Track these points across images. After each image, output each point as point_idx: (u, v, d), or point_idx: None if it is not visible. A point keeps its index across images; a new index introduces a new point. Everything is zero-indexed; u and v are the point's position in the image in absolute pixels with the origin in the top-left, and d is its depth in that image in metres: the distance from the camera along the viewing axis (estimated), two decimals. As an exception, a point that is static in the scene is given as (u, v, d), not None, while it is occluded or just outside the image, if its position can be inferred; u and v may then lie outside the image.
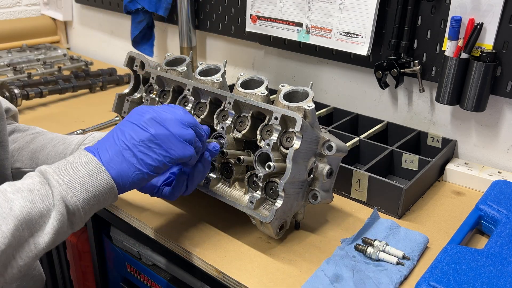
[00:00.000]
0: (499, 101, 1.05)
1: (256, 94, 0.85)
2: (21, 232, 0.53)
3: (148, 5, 1.56)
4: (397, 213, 0.93)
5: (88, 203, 0.59)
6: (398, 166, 1.08)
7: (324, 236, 0.87)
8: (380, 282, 0.74)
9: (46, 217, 0.55)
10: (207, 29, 1.54)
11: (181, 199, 0.97)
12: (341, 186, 1.00)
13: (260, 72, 1.49)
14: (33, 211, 0.55)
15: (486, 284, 0.69)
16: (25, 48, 1.95)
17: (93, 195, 0.59)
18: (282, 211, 0.79)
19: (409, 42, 1.10)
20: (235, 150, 0.86)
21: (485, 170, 1.06)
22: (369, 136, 1.15)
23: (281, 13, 1.26)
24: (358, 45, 1.15)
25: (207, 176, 0.86)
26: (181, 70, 0.94)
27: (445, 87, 1.03)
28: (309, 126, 0.78)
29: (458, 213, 0.96)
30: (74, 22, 2.12)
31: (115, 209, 0.95)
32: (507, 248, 0.77)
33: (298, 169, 0.78)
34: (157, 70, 0.97)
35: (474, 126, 1.10)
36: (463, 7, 0.99)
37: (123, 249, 1.07)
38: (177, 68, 0.95)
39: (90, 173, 0.59)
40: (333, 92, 1.33)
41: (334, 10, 1.16)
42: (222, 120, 0.87)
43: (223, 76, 0.91)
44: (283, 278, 0.77)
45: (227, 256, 0.81)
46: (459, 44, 1.00)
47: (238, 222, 0.90)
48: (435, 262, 0.74)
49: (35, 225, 0.55)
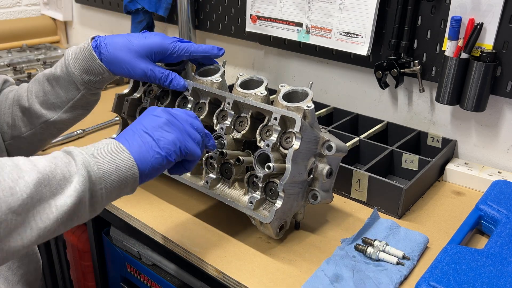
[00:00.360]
0: (499, 101, 1.05)
1: (255, 95, 0.85)
2: (43, 188, 0.53)
3: (148, 5, 1.56)
4: (397, 213, 0.93)
5: (110, 176, 0.58)
6: (398, 166, 1.08)
7: (324, 236, 0.87)
8: (380, 282, 0.74)
9: (68, 181, 0.55)
10: (207, 29, 1.54)
11: (181, 199, 0.97)
12: (341, 186, 1.00)
13: (260, 72, 1.49)
14: (57, 171, 0.54)
15: (486, 284, 0.69)
16: (25, 48, 1.95)
17: (114, 169, 0.59)
18: (282, 211, 0.79)
19: (409, 42, 1.10)
20: (234, 151, 0.86)
21: (485, 170, 1.06)
22: (369, 136, 1.15)
23: (281, 13, 1.26)
24: (358, 45, 1.15)
25: (206, 177, 0.87)
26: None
27: (445, 87, 1.03)
28: (309, 126, 0.78)
29: (458, 213, 0.96)
30: (74, 22, 2.12)
31: (115, 209, 0.95)
32: (507, 248, 0.77)
33: (298, 170, 0.78)
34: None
35: (474, 126, 1.10)
36: (463, 7, 0.99)
37: (123, 249, 1.07)
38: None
39: (112, 150, 0.60)
40: (333, 92, 1.33)
41: (334, 10, 1.16)
42: (221, 120, 0.87)
43: (223, 76, 0.91)
44: (283, 278, 0.77)
45: (227, 256, 0.81)
46: (459, 44, 1.00)
47: (238, 223, 0.90)
48: (435, 262, 0.74)
49: (57, 185, 0.54)
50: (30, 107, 0.82)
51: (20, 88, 0.86)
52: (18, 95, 0.84)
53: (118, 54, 0.80)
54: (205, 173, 0.88)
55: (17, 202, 0.50)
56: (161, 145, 0.63)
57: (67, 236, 1.24)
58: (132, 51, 0.81)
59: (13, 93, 0.86)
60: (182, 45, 0.85)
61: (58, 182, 0.54)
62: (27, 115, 0.83)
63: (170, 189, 1.01)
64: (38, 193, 0.52)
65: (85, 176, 0.56)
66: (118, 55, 0.80)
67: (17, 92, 0.85)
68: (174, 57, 0.85)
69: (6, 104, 0.85)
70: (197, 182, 0.88)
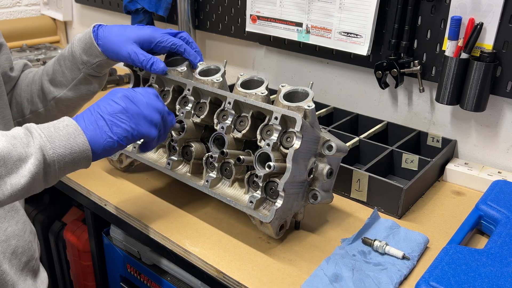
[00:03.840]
0: (499, 101, 1.05)
1: (256, 94, 0.85)
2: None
3: (148, 5, 1.56)
4: (397, 213, 0.93)
5: (64, 159, 0.64)
6: (398, 166, 1.08)
7: (324, 236, 0.87)
8: (379, 282, 0.74)
9: (24, 162, 0.61)
10: (207, 29, 1.54)
11: (181, 199, 0.97)
12: (341, 186, 1.00)
13: (260, 72, 1.49)
14: (13, 153, 0.60)
15: (486, 284, 0.69)
16: (25, 48, 1.95)
17: (69, 152, 0.65)
18: (282, 211, 0.79)
19: (409, 42, 1.10)
20: (235, 150, 0.86)
21: (485, 170, 1.06)
22: (369, 136, 1.15)
23: (281, 13, 1.26)
24: (358, 45, 1.15)
25: (207, 176, 0.87)
26: (181, 70, 0.94)
27: (445, 87, 1.03)
28: (309, 126, 0.78)
29: (458, 213, 0.96)
30: (74, 22, 2.12)
31: (115, 209, 0.95)
32: (507, 248, 0.77)
33: (298, 169, 0.78)
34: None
35: (474, 126, 1.10)
36: (463, 7, 0.99)
37: (123, 249, 1.07)
38: (177, 68, 0.95)
39: (69, 133, 0.66)
40: (333, 92, 1.33)
41: (334, 10, 1.16)
42: (222, 120, 0.87)
43: (223, 76, 0.91)
44: (283, 278, 0.77)
45: (227, 256, 0.81)
46: (459, 44, 1.00)
47: (238, 222, 0.90)
48: (435, 262, 0.74)
49: (12, 165, 0.60)
50: (43, 85, 0.92)
51: (39, 69, 0.96)
52: (36, 74, 0.95)
53: (111, 38, 0.89)
54: (205, 172, 0.88)
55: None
56: (113, 131, 0.69)
57: (67, 236, 1.24)
58: (124, 36, 0.89)
59: (33, 73, 0.96)
60: (171, 40, 0.92)
61: (14, 162, 0.60)
62: (41, 92, 0.93)
63: (170, 189, 1.01)
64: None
65: (40, 159, 0.62)
66: (111, 38, 0.89)
67: (37, 72, 0.95)
68: (161, 46, 0.92)
69: (25, 82, 0.94)
70: (197, 182, 0.88)
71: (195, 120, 0.91)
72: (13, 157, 0.60)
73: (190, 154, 0.91)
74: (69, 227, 1.25)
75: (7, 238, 0.79)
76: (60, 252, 1.37)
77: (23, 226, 0.83)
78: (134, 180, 1.04)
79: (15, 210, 0.82)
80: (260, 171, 0.79)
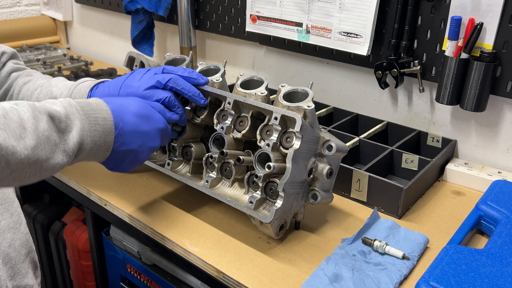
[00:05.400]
0: (499, 101, 1.05)
1: (256, 94, 0.85)
2: (39, 151, 0.61)
3: (148, 5, 1.56)
4: (397, 213, 0.93)
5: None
6: (398, 166, 1.08)
7: (324, 236, 0.87)
8: (379, 282, 0.74)
9: (56, 152, 0.63)
10: (207, 29, 1.54)
11: (181, 199, 0.97)
12: (341, 186, 1.00)
13: (260, 72, 1.49)
14: (52, 137, 0.62)
15: (486, 284, 0.69)
16: (25, 48, 1.95)
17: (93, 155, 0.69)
18: (282, 211, 0.79)
19: (409, 42, 1.10)
20: (235, 150, 0.86)
21: (485, 170, 1.06)
22: (369, 136, 1.15)
23: (281, 13, 1.26)
24: (358, 45, 1.15)
25: (207, 176, 0.87)
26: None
27: (445, 87, 1.03)
28: (309, 126, 0.78)
29: (458, 213, 0.96)
30: (74, 22, 2.12)
31: (115, 209, 0.95)
32: (507, 248, 0.77)
33: (298, 169, 0.78)
34: (157, 70, 0.97)
35: (474, 126, 1.10)
36: (463, 7, 0.99)
37: (123, 249, 1.07)
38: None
39: (105, 143, 0.69)
40: (333, 92, 1.33)
41: (334, 10, 1.16)
42: (222, 120, 0.87)
43: (223, 76, 0.91)
44: (283, 278, 0.77)
45: (227, 256, 0.81)
46: (459, 44, 1.00)
47: (238, 222, 0.90)
48: (435, 262, 0.74)
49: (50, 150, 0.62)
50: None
51: (24, 83, 0.90)
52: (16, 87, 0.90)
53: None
54: (205, 172, 0.88)
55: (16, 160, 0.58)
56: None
57: (67, 236, 1.24)
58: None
59: (17, 80, 0.91)
60: (156, 97, 0.82)
61: (51, 147, 0.62)
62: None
63: (170, 189, 1.01)
64: (34, 155, 0.60)
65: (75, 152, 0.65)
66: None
67: (18, 83, 0.91)
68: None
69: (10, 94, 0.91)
70: (197, 182, 0.88)
71: (195, 121, 0.91)
72: (51, 141, 0.62)
73: (190, 154, 0.91)
74: (69, 227, 1.25)
75: (2, 232, 0.76)
76: (60, 252, 1.37)
77: (18, 218, 0.80)
78: (134, 180, 1.04)
79: (9, 202, 0.80)
80: (260, 171, 0.79)
